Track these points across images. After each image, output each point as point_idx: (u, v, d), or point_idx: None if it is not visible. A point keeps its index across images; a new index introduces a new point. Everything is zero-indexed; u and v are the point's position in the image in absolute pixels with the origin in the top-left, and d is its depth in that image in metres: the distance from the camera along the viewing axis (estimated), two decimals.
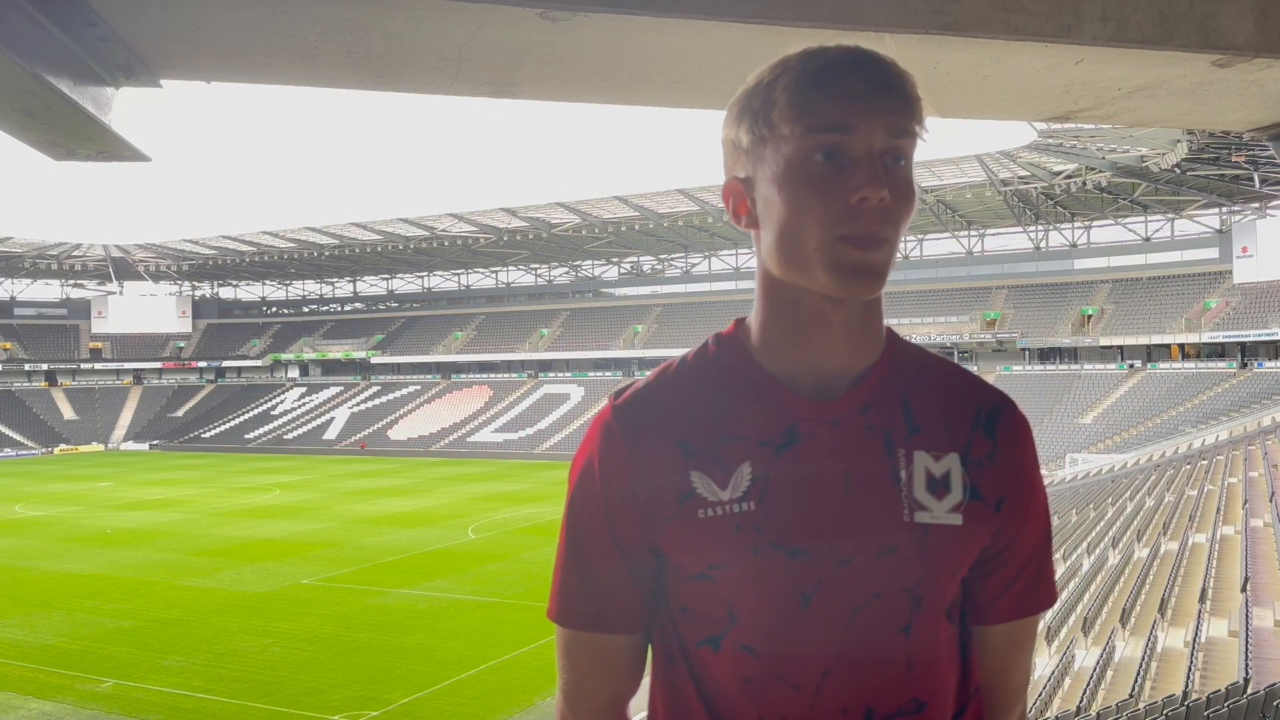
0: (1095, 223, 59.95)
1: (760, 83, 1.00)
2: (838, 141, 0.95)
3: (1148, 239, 58.77)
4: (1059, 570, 20.76)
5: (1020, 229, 61.87)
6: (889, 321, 1.13)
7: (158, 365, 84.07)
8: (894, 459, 1.05)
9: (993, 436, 1.09)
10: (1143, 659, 13.13)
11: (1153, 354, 55.31)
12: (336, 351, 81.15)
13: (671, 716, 1.10)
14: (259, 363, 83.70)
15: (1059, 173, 50.73)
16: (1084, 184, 50.79)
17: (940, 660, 1.08)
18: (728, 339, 1.11)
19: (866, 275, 0.97)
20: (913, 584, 1.04)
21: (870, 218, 0.96)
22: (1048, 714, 12.11)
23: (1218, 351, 53.13)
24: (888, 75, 0.97)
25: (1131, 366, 54.90)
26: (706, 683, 1.07)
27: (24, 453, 68.85)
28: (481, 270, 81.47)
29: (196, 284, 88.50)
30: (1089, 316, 57.52)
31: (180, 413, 79.44)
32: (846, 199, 0.95)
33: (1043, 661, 14.75)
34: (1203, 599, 15.13)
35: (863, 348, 1.07)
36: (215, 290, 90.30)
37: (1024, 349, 58.42)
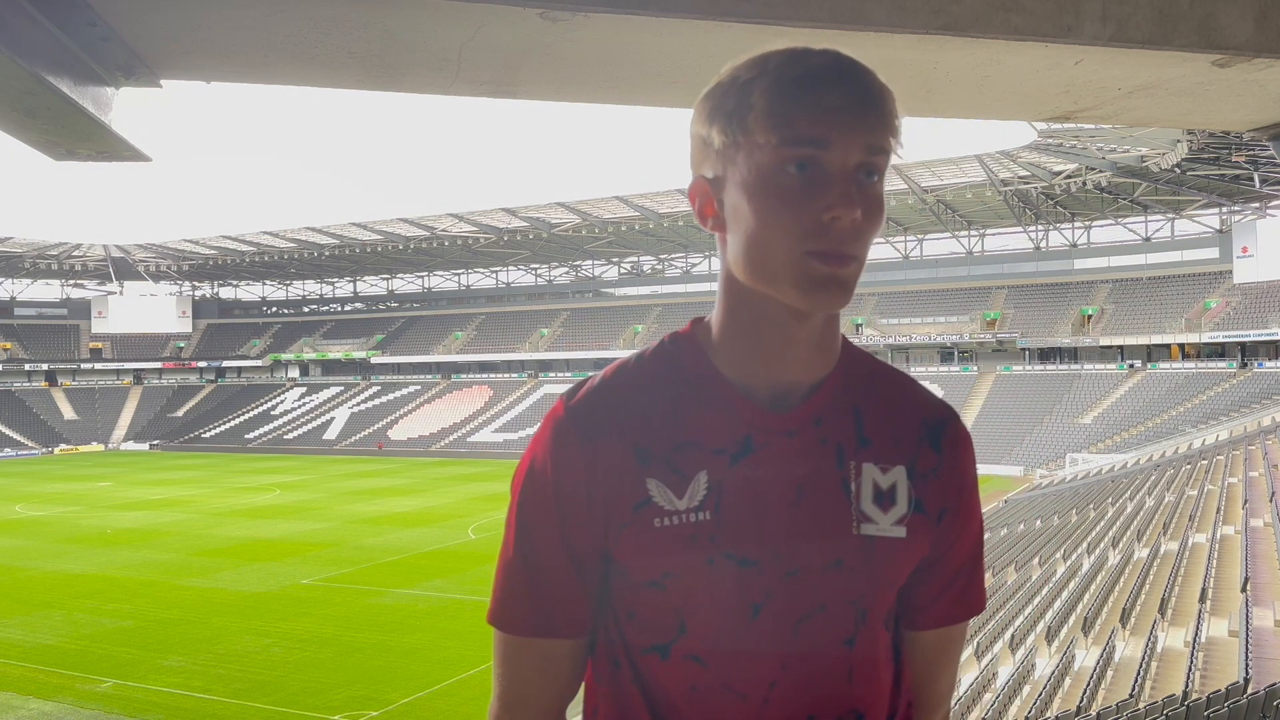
0: (1095, 223, 59.96)
1: (735, 81, 0.98)
2: (813, 155, 0.94)
3: (1148, 239, 58.77)
4: (1059, 570, 20.77)
5: (1020, 229, 61.87)
6: (889, 322, 1.12)
7: (158, 365, 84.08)
8: (844, 471, 1.04)
9: (939, 450, 1.09)
10: (1143, 659, 13.13)
11: (1153, 354, 55.31)
12: (337, 351, 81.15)
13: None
14: (259, 363, 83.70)
15: (1059, 173, 50.73)
16: (1084, 184, 50.81)
17: (878, 670, 1.08)
18: (685, 339, 1.09)
19: (834, 289, 0.96)
20: (858, 596, 1.04)
21: (841, 236, 0.95)
22: (1048, 714, 12.11)
23: (1218, 351, 53.14)
24: (868, 90, 0.95)
25: (1131, 366, 54.89)
26: (652, 689, 1.06)
27: (24, 453, 68.85)
28: (481, 270, 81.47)
29: (196, 284, 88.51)
30: (1089, 316, 57.52)
31: (180, 413, 79.44)
32: (818, 215, 0.94)
33: (1043, 661, 14.76)
34: (1203, 599, 15.13)
35: (820, 359, 1.06)
36: (215, 290, 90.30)
37: (1024, 349, 58.42)
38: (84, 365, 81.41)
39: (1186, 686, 11.37)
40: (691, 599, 1.02)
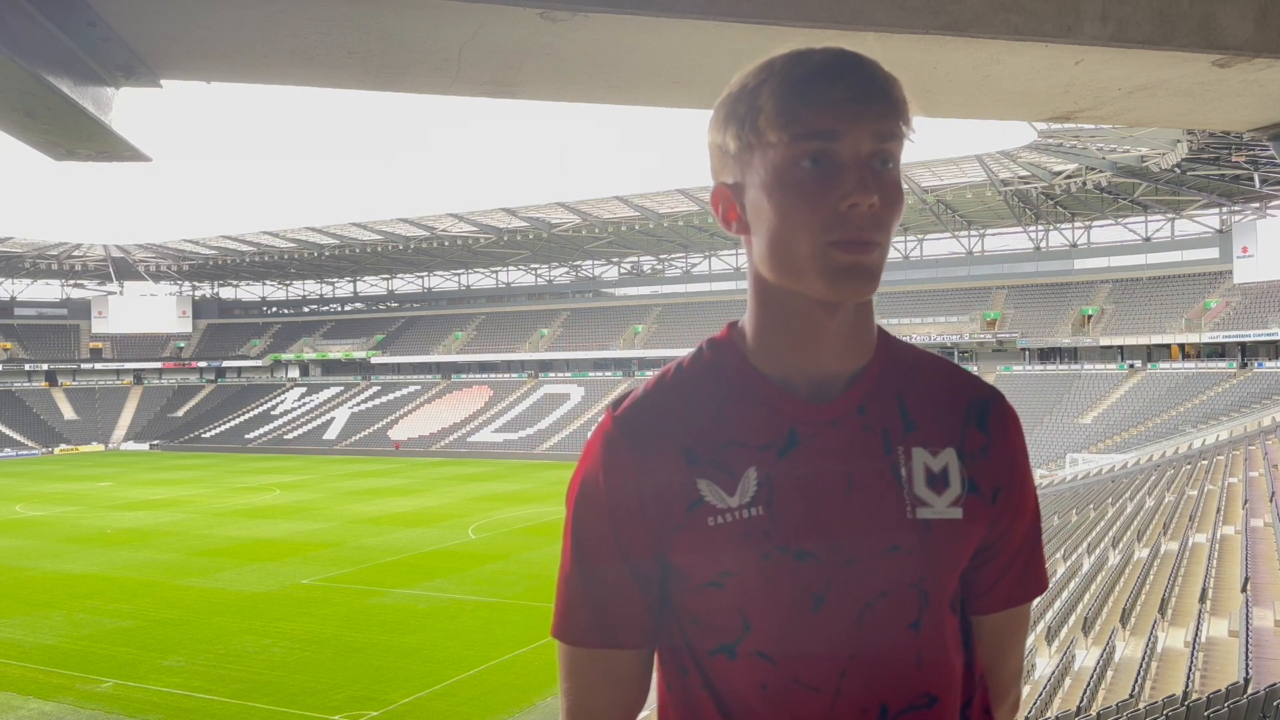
0: (1095, 223, 59.95)
1: (745, 87, 1.00)
2: (825, 148, 0.96)
3: (1148, 239, 58.77)
4: (1059, 570, 20.76)
5: (1020, 229, 61.88)
6: (889, 322, 1.13)
7: (158, 365, 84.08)
8: (893, 456, 1.06)
9: (985, 429, 1.10)
10: (1143, 659, 13.13)
11: (1153, 354, 55.30)
12: (337, 351, 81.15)
13: None
14: (259, 363, 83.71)
15: (1059, 173, 50.73)
16: (1084, 184, 50.79)
17: (947, 653, 1.08)
18: (722, 343, 1.11)
19: (859, 277, 0.98)
20: (918, 579, 1.05)
21: (860, 223, 0.96)
22: (1048, 714, 12.11)
23: (1218, 351, 53.13)
24: (873, 79, 0.97)
25: (1131, 366, 54.89)
26: (722, 691, 1.06)
27: (24, 453, 68.85)
28: (481, 270, 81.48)
29: (197, 284, 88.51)
30: (1089, 316, 57.52)
31: (180, 413, 79.44)
32: (836, 205, 0.96)
33: (1043, 661, 14.76)
34: (1203, 599, 15.13)
35: (856, 349, 1.07)
36: (215, 290, 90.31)
37: (1024, 349, 58.42)
38: (84, 365, 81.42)
39: (1186, 686, 11.37)
40: (751, 595, 1.03)
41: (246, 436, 72.85)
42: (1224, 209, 53.94)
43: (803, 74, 0.97)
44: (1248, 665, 11.25)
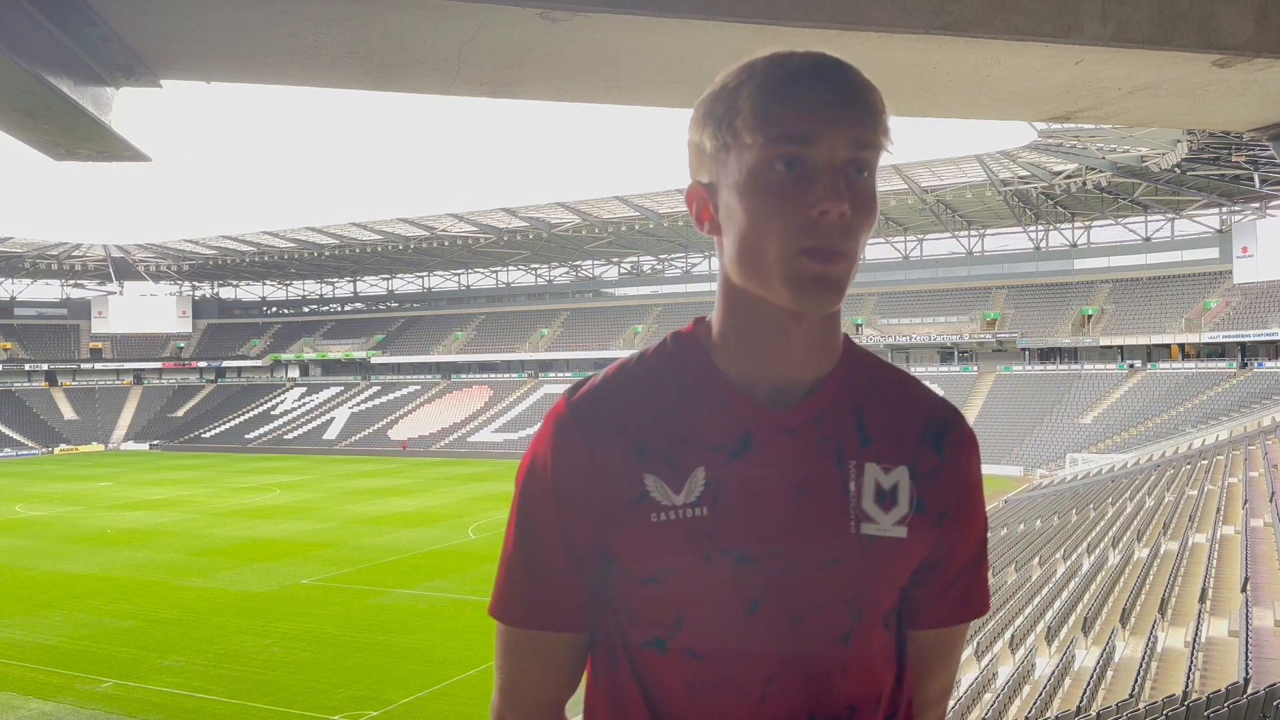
0: (1095, 223, 59.94)
1: (725, 87, 0.99)
2: (800, 152, 0.95)
3: (1148, 239, 58.77)
4: (1059, 570, 20.77)
5: (1020, 229, 61.87)
6: (890, 322, 1.12)
7: (158, 365, 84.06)
8: (844, 470, 1.05)
9: (940, 451, 1.09)
10: (1143, 659, 13.13)
11: (1153, 354, 55.30)
12: (337, 351, 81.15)
13: (612, 717, 1.10)
14: (259, 363, 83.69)
15: (1059, 173, 50.73)
16: (1084, 184, 50.80)
17: (875, 667, 1.09)
18: (687, 338, 1.10)
19: (825, 289, 0.96)
20: (855, 595, 1.05)
21: (830, 231, 0.95)
22: (1048, 714, 12.11)
23: (1218, 351, 53.12)
24: (852, 86, 0.96)
25: (1131, 366, 54.89)
26: (650, 685, 1.06)
27: (24, 453, 68.84)
28: (481, 270, 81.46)
29: (196, 284, 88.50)
30: (1089, 316, 57.51)
31: (180, 413, 79.43)
32: (807, 211, 0.95)
33: (1043, 661, 14.76)
34: (1203, 599, 15.13)
35: (820, 357, 1.06)
36: (215, 290, 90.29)
37: (1024, 349, 58.40)
38: (84, 365, 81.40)
39: (1186, 686, 11.37)
40: (688, 594, 1.03)
41: (246, 436, 72.83)
42: (1224, 209, 53.93)
43: (782, 76, 0.96)
44: (1247, 665, 11.25)
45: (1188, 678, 11.76)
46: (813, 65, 0.96)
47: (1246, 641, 12.14)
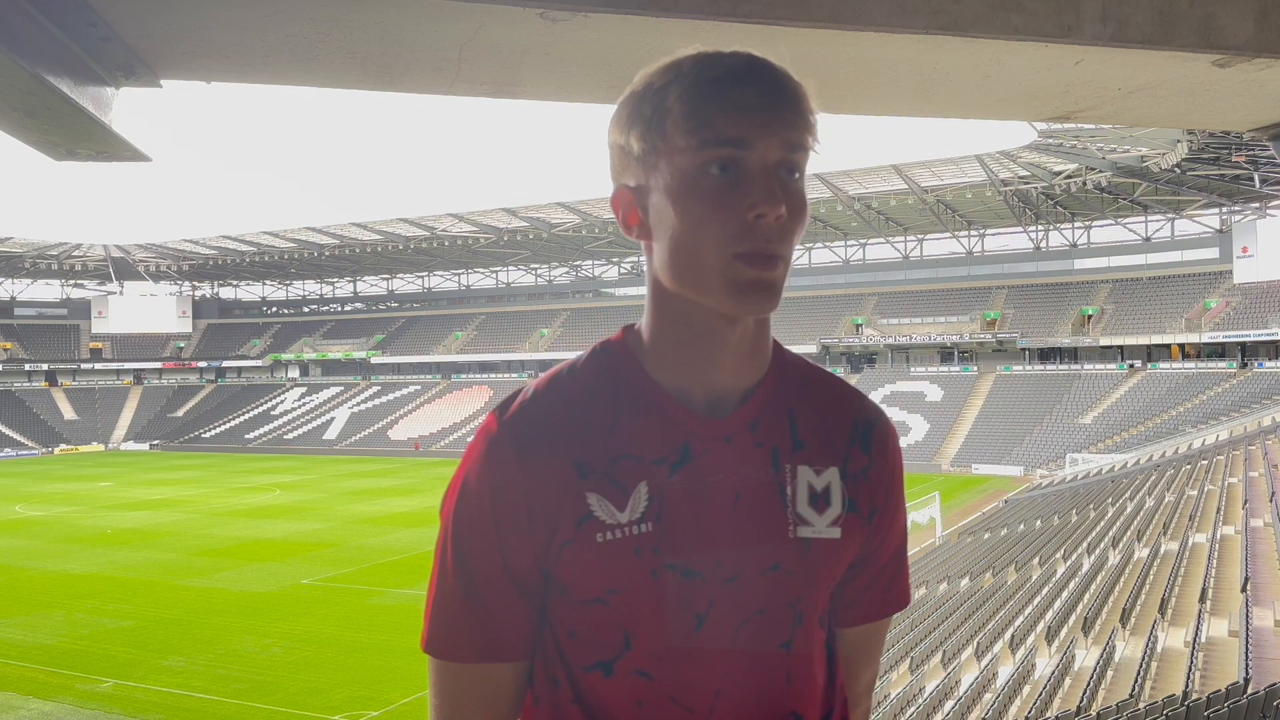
0: (1095, 223, 59.96)
1: (651, 87, 0.97)
2: (734, 155, 0.94)
3: (1148, 239, 58.78)
4: (1059, 570, 20.77)
5: (1020, 229, 61.89)
6: (890, 322, 1.12)
7: (158, 365, 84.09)
8: (780, 474, 1.04)
9: (868, 450, 1.09)
10: (1143, 659, 13.13)
11: (1153, 354, 55.31)
12: (337, 351, 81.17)
13: None
14: (259, 363, 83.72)
15: (1059, 173, 50.75)
16: (1084, 184, 50.82)
17: (814, 670, 1.08)
18: (617, 347, 1.09)
19: (763, 293, 0.96)
20: (795, 599, 1.04)
21: (767, 235, 0.94)
22: (1048, 714, 12.11)
23: (1218, 351, 53.14)
24: (783, 88, 0.95)
25: (1131, 366, 54.90)
26: (594, 708, 1.03)
27: (24, 453, 68.85)
28: (481, 270, 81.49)
29: (196, 284, 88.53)
30: (1089, 316, 57.52)
31: (180, 413, 79.45)
32: (743, 215, 0.93)
33: (1043, 661, 14.76)
34: (1203, 599, 15.13)
35: (753, 363, 1.05)
36: (215, 290, 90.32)
37: (1024, 349, 58.42)
38: (84, 365, 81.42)
39: (1186, 686, 11.37)
40: (636, 614, 1.01)
41: (246, 436, 72.85)
42: (1224, 209, 53.95)
43: (713, 77, 0.94)
44: (1248, 665, 11.25)
45: (1188, 678, 11.76)
46: (744, 66, 0.95)
47: (1246, 641, 12.14)
